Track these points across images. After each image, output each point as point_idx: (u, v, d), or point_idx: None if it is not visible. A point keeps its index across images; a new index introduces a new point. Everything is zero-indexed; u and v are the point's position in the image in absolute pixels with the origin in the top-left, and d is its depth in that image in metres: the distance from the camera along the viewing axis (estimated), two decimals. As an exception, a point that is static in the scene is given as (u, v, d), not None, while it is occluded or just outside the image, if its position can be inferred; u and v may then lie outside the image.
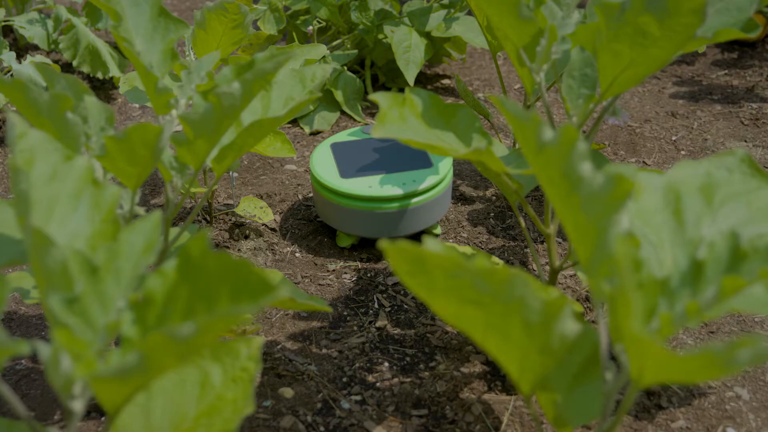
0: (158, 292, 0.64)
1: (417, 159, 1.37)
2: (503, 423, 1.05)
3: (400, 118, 0.96)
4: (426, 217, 1.34)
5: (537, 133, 0.72)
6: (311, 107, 1.79)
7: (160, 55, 1.02)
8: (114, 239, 0.73)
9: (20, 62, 1.76)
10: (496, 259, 1.15)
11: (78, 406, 0.67)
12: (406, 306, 1.26)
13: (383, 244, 0.65)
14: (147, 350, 0.55)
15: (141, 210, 0.94)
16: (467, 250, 1.13)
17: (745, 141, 1.69)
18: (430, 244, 0.66)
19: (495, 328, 0.70)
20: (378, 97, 0.95)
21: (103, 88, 1.96)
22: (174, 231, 1.11)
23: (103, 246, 0.71)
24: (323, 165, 1.36)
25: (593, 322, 1.22)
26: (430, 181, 1.33)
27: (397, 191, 1.30)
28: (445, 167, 1.36)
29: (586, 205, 0.70)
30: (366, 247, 1.38)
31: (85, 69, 1.83)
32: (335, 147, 1.40)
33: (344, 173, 1.33)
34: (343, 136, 1.44)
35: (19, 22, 1.90)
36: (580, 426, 1.03)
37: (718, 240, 0.70)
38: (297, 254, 1.38)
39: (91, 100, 0.94)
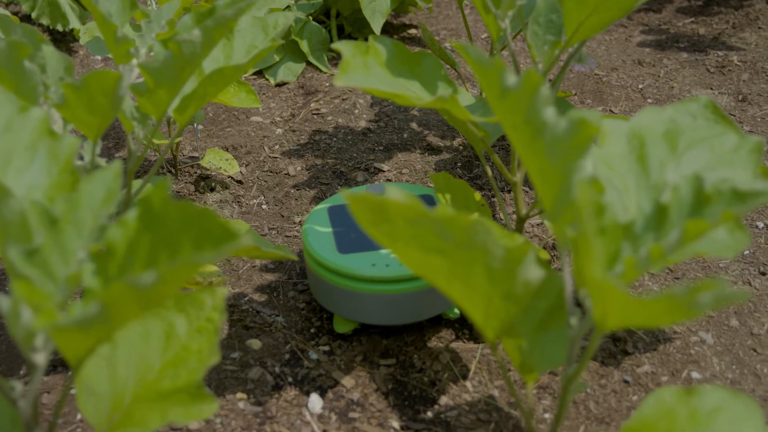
0: (119, 243, 0.63)
1: None
2: (471, 371, 1.05)
3: (363, 66, 0.95)
4: (444, 299, 1.09)
5: (500, 78, 0.71)
6: (276, 58, 1.77)
7: (118, 4, 1.00)
8: (73, 190, 0.72)
9: (-22, 14, 1.73)
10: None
11: (40, 359, 0.66)
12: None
13: (345, 194, 0.65)
14: (108, 300, 0.54)
15: (102, 161, 0.92)
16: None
17: (711, 89, 1.69)
18: (392, 192, 0.66)
19: (458, 276, 0.70)
20: (341, 45, 0.94)
21: (64, 41, 1.93)
22: (137, 183, 1.10)
23: (63, 197, 0.70)
24: (318, 235, 1.12)
25: (560, 270, 1.22)
26: None
27: (405, 271, 1.05)
28: None
29: (550, 150, 0.70)
30: (366, 332, 1.13)
31: (45, 21, 1.79)
32: (333, 212, 1.17)
33: (342, 247, 1.09)
34: (342, 198, 1.19)
35: (-24, -27, 1.86)
36: (546, 372, 1.04)
37: (681, 184, 0.70)
38: (263, 206, 1.38)
39: (49, 50, 0.92)
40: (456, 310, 1.11)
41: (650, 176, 0.78)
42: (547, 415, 0.99)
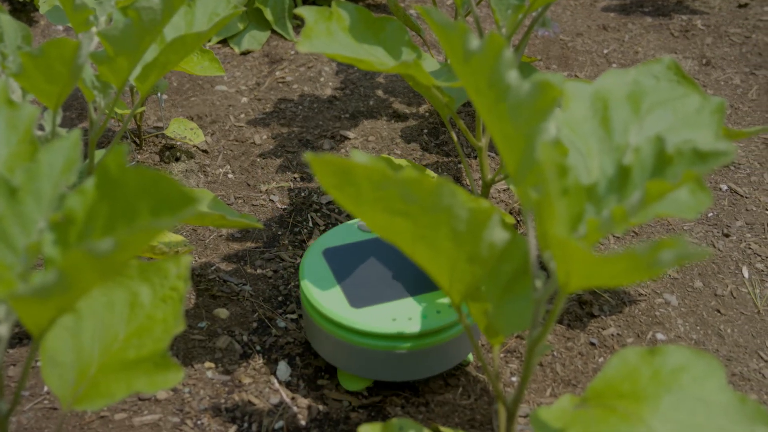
0: (78, 211, 0.63)
1: None
2: (438, 336, 1.06)
3: (327, 32, 0.94)
4: (467, 345, 0.99)
5: (463, 42, 0.71)
6: (240, 26, 1.76)
7: (76, -30, 0.98)
8: (32, 160, 0.71)
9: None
10: (430, 172, 1.15)
11: (3, 330, 0.66)
12: (340, 224, 1.25)
13: (308, 156, 0.64)
14: (66, 267, 0.54)
15: (63, 131, 0.91)
16: (403, 162, 1.12)
17: (676, 53, 1.69)
18: (356, 155, 0.66)
19: (423, 239, 0.70)
20: (304, 11, 0.93)
21: (25, 11, 1.90)
22: (100, 153, 1.09)
23: (22, 167, 0.69)
24: (321, 287, 0.97)
25: (525, 234, 1.23)
26: None
27: (433, 323, 0.93)
28: None
29: (513, 113, 0.69)
30: (378, 387, 0.99)
31: (4, -10, 1.76)
32: (330, 257, 1.02)
33: (355, 300, 0.95)
34: (335, 238, 1.05)
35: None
36: (513, 336, 1.05)
37: (643, 145, 0.70)
38: (230, 175, 1.37)
39: (5, 18, 0.90)
40: (469, 357, 1.03)
41: (613, 138, 0.78)
42: (514, 378, 1.00)
